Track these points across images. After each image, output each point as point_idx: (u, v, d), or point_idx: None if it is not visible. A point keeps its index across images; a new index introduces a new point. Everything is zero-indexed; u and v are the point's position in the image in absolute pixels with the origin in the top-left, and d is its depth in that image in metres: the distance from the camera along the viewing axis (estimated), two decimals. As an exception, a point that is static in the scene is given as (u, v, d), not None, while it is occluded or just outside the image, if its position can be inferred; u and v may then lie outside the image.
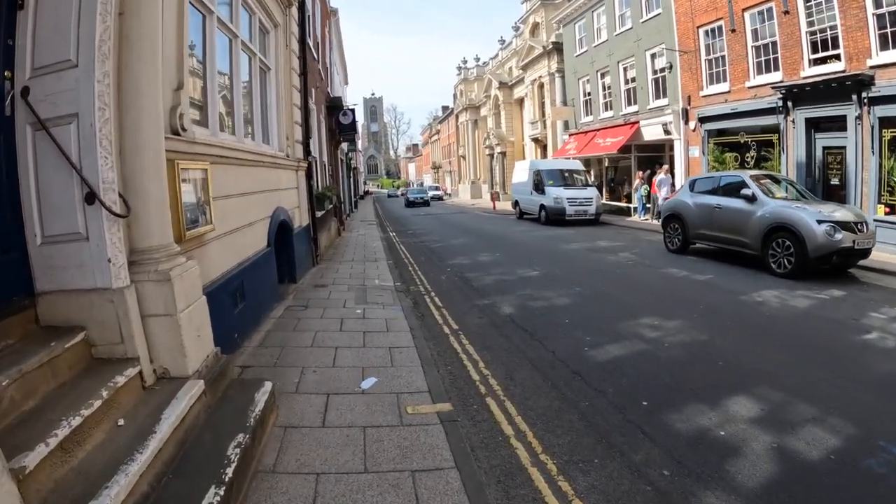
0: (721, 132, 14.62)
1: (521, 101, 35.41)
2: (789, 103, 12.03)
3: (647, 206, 16.58)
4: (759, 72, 13.15)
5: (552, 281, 7.93)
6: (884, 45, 10.02)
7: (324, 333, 5.04)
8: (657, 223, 13.86)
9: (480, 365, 4.42)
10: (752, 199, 8.50)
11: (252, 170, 5.46)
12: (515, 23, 35.45)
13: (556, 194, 16.71)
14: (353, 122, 17.61)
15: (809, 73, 11.55)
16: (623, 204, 19.26)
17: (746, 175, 9.05)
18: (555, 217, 16.60)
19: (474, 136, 46.19)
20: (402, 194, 47.93)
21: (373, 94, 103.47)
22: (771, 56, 12.75)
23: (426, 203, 35.97)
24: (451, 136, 56.37)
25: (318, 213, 9.81)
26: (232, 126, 5.23)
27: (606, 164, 20.72)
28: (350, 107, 18.66)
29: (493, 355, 4.66)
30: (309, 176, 8.89)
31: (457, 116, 51.02)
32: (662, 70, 16.74)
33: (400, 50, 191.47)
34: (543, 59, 27.08)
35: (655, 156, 18.17)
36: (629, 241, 12.39)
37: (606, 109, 20.35)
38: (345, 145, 26.40)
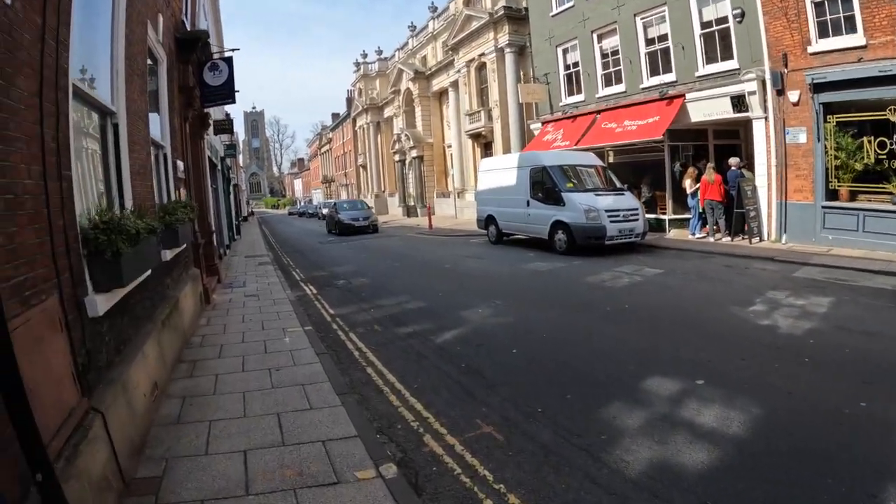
0: (847, 106, 9.90)
1: (441, 94, 29.32)
2: None
3: (717, 218, 11.53)
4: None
5: None
6: None
7: None
8: (731, 241, 10.93)
9: None
10: None
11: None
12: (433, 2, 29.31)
13: (588, 205, 10.64)
14: (230, 82, 8.81)
15: None
16: (649, 216, 13.85)
17: None
18: (587, 241, 10.65)
19: (377, 141, 38.96)
20: (325, 217, 26.87)
21: (254, 108, 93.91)
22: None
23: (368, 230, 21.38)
24: (346, 143, 48.20)
25: (128, 286, 2.45)
26: None
27: (612, 160, 15.15)
28: (223, 54, 9.84)
29: None
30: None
31: (354, 120, 43.24)
32: (722, 21, 11.72)
33: (278, 65, 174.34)
34: (488, 32, 21.30)
35: (699, 144, 13.17)
36: (790, 285, 6.86)
37: (610, 83, 14.94)
38: (218, 144, 17.38)
